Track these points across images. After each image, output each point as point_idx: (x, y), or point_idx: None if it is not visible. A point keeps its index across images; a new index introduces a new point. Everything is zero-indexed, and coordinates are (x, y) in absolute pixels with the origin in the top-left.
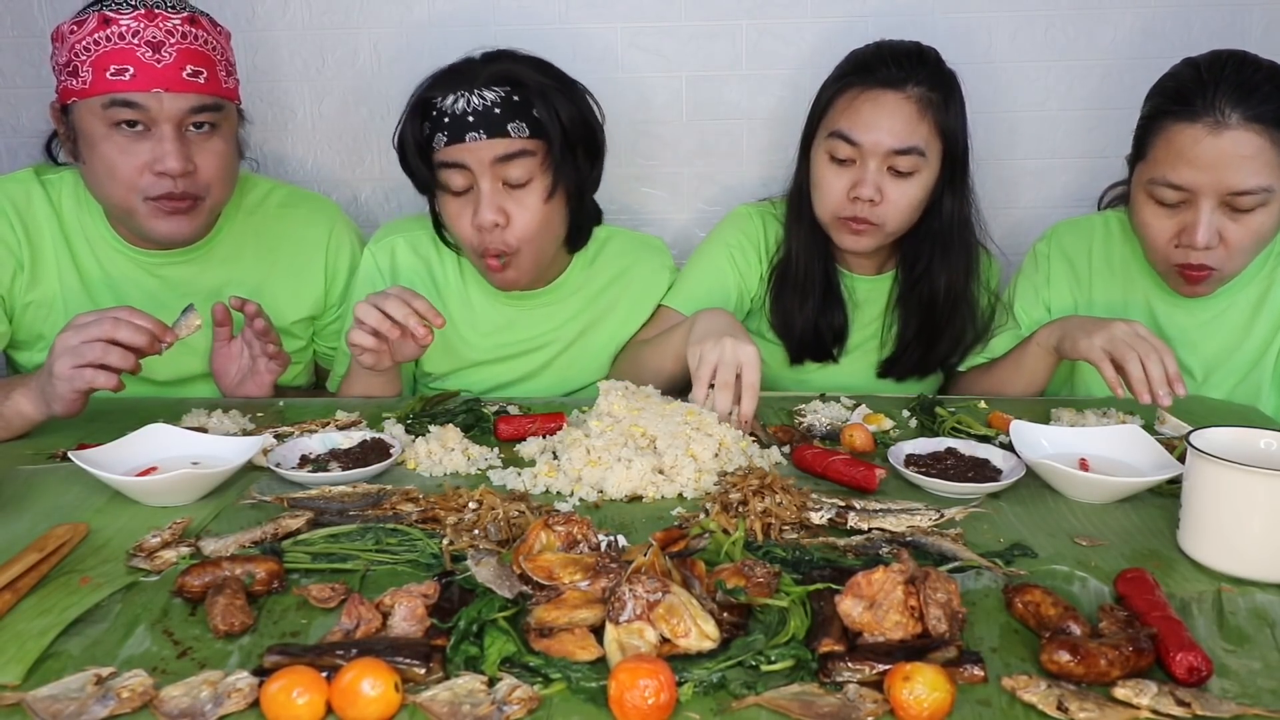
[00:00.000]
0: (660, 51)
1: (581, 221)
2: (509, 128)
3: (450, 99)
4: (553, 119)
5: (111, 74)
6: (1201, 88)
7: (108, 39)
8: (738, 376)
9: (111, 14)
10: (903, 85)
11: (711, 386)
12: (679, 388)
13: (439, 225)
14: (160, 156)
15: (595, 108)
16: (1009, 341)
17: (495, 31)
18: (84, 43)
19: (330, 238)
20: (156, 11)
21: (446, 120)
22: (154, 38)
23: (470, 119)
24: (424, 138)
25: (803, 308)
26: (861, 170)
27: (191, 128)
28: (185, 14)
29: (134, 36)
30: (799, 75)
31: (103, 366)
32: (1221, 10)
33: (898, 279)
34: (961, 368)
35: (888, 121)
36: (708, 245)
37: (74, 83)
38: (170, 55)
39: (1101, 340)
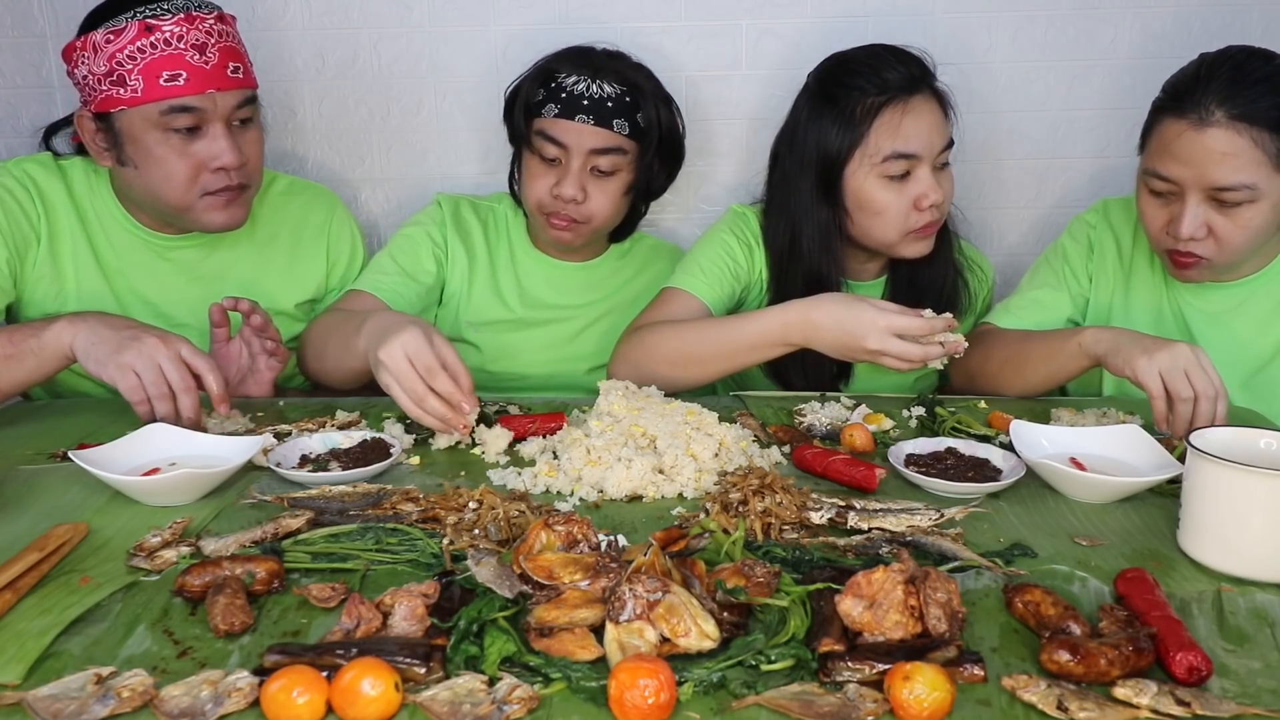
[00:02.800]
0: (660, 51)
1: (634, 219)
2: (614, 123)
3: (573, 78)
4: (653, 126)
5: (165, 80)
6: (1195, 83)
7: (153, 46)
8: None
9: (154, 21)
10: (921, 87)
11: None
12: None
13: (512, 180)
14: (217, 154)
15: (680, 123)
16: (1032, 310)
17: (495, 31)
18: (127, 51)
19: (331, 222)
20: (194, 14)
21: (563, 96)
22: (197, 40)
23: (585, 102)
24: (535, 102)
25: (809, 355)
26: (920, 180)
27: (234, 123)
28: (215, 12)
29: (179, 41)
30: (799, 75)
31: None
32: (1221, 10)
33: (890, 277)
34: (989, 318)
35: (932, 125)
36: (713, 235)
37: (121, 91)
38: (214, 56)
39: (1162, 364)
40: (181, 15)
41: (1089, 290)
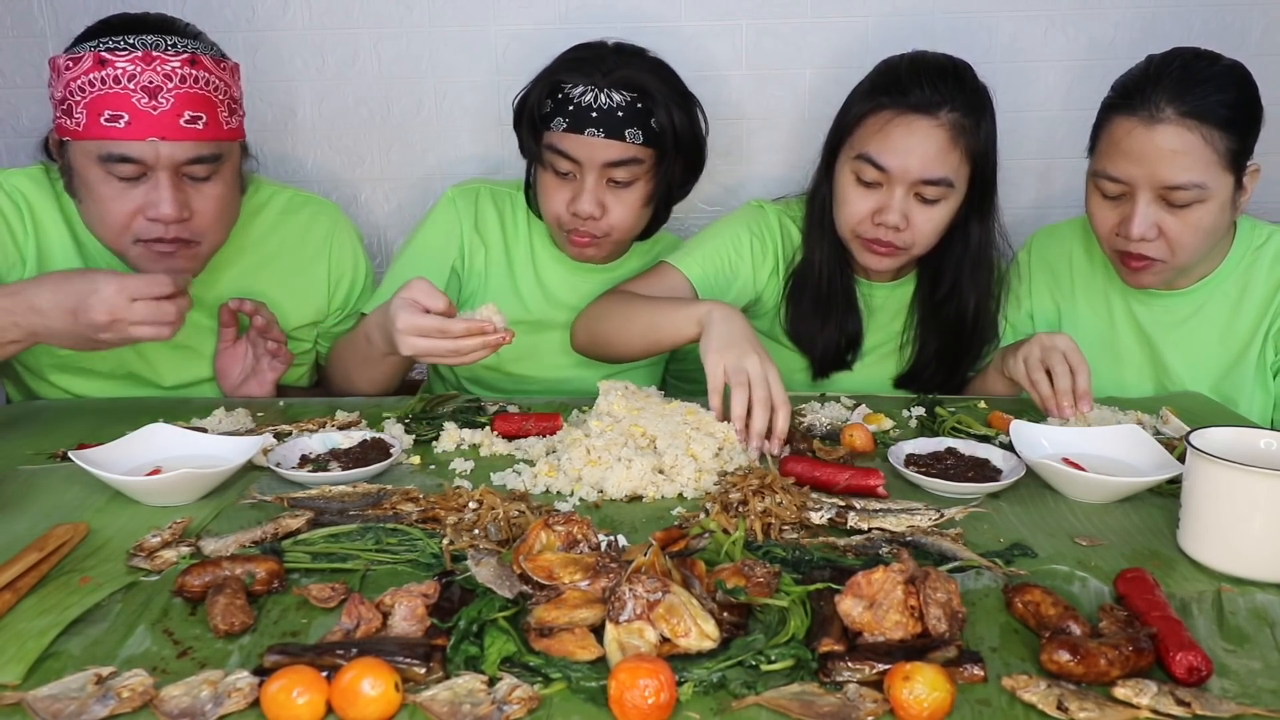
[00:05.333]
0: (660, 51)
1: (659, 221)
2: (626, 133)
3: (579, 89)
4: (668, 130)
5: (106, 120)
6: (1144, 81)
7: (103, 81)
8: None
9: (108, 55)
10: (936, 111)
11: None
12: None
13: (529, 190)
14: (155, 202)
15: (703, 119)
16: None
17: (495, 32)
18: (79, 82)
19: (332, 241)
20: (154, 54)
21: (570, 108)
22: (151, 82)
23: (593, 115)
24: (544, 114)
25: (825, 323)
26: (888, 195)
27: (189, 176)
28: (186, 55)
29: (130, 81)
30: (799, 75)
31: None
32: (1221, 10)
33: (917, 289)
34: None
35: (919, 149)
36: (727, 225)
37: (68, 122)
38: (167, 101)
39: (1023, 357)
40: (139, 54)
41: (1031, 327)
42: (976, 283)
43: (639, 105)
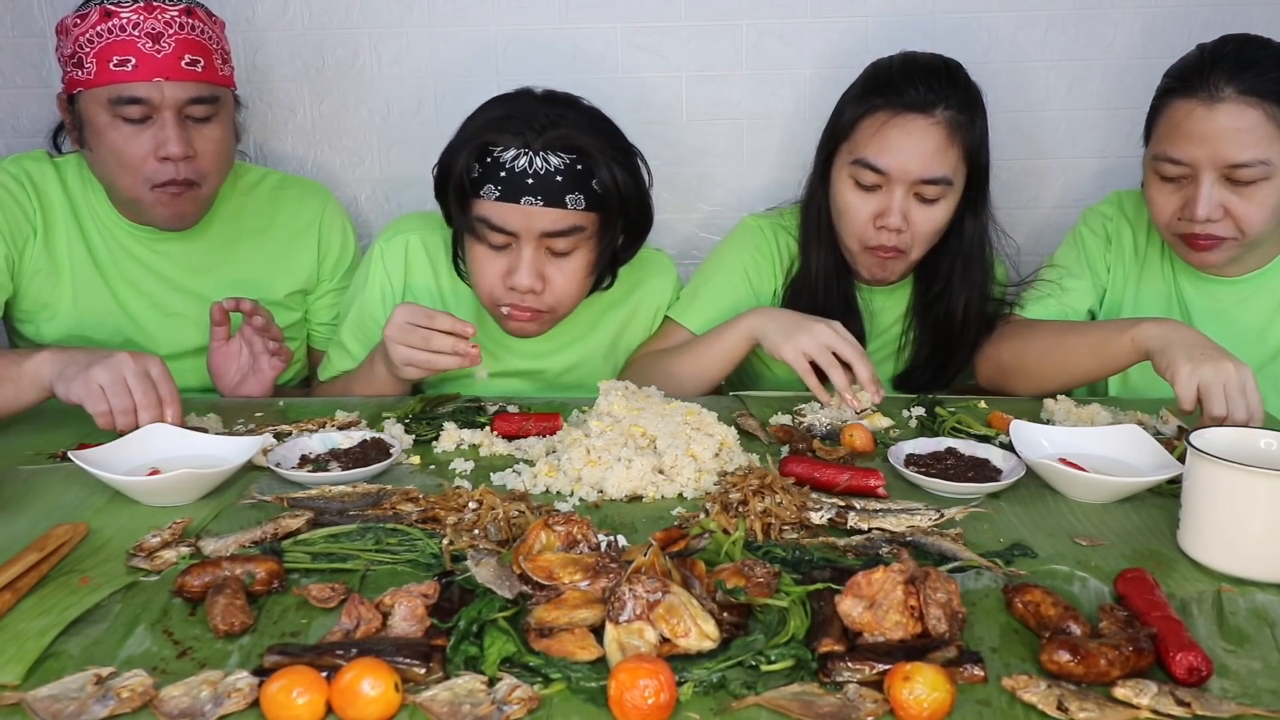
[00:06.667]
0: (660, 51)
1: (601, 284)
2: (567, 199)
3: (511, 153)
4: (612, 191)
5: (114, 65)
6: (1201, 65)
7: (109, 31)
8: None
9: (113, 7)
10: (931, 109)
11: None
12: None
13: (457, 261)
14: (163, 142)
15: (645, 171)
16: (1056, 298)
17: (495, 33)
18: (87, 35)
19: (323, 214)
20: (155, 4)
21: (503, 175)
22: (153, 29)
23: (530, 182)
24: (473, 179)
25: None
26: (888, 197)
27: (190, 118)
28: (182, 6)
29: (134, 29)
30: (799, 75)
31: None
32: (1221, 10)
33: (914, 292)
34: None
35: (916, 149)
36: (720, 261)
37: (79, 73)
38: (169, 45)
39: (1203, 377)
40: (141, 4)
41: (1106, 281)
42: (969, 280)
43: (579, 167)
